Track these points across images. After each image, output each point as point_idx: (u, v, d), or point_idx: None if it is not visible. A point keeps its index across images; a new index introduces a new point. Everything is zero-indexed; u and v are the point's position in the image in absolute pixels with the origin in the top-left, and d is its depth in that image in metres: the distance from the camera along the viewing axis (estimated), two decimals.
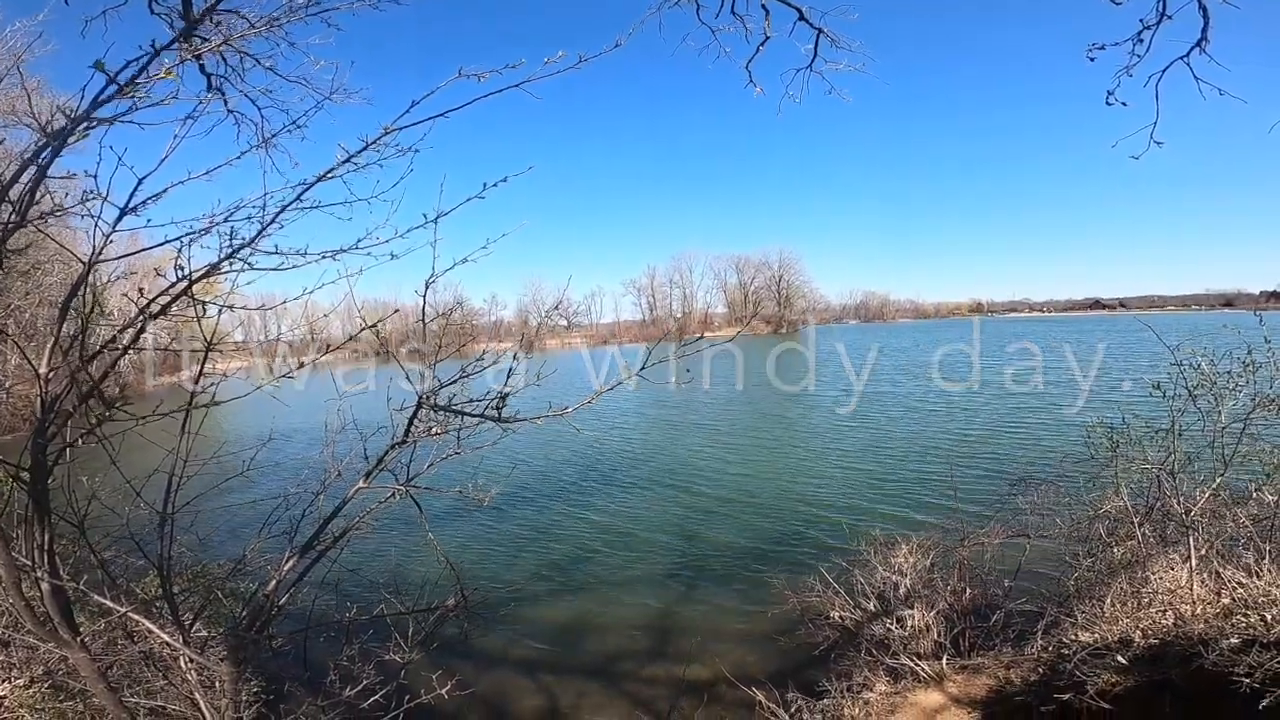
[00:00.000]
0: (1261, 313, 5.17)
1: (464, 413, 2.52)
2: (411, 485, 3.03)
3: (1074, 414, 20.40)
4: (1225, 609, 4.82)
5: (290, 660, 5.97)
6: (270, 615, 3.34)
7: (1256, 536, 5.47)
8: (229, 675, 3.40)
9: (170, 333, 3.22)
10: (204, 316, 2.28)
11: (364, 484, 2.83)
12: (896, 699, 5.95)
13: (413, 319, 2.79)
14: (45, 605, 2.70)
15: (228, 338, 3.94)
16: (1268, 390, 5.07)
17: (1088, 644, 5.23)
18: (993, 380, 31.21)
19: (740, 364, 47.76)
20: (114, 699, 3.18)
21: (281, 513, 3.24)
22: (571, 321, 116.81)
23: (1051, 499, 7.71)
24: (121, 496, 3.28)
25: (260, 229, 2.10)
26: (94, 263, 2.09)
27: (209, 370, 2.71)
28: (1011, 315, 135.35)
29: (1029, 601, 7.02)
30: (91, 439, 2.25)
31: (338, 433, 3.26)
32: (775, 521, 12.87)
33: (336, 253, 2.23)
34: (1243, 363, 5.08)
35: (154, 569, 3.15)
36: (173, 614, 3.31)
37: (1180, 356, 5.28)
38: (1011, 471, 11.23)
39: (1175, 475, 5.53)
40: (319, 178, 2.12)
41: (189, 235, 2.13)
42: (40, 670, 4.70)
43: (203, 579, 5.29)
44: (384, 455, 2.74)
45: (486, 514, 13.94)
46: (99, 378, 2.13)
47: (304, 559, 3.03)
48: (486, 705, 7.35)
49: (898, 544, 7.51)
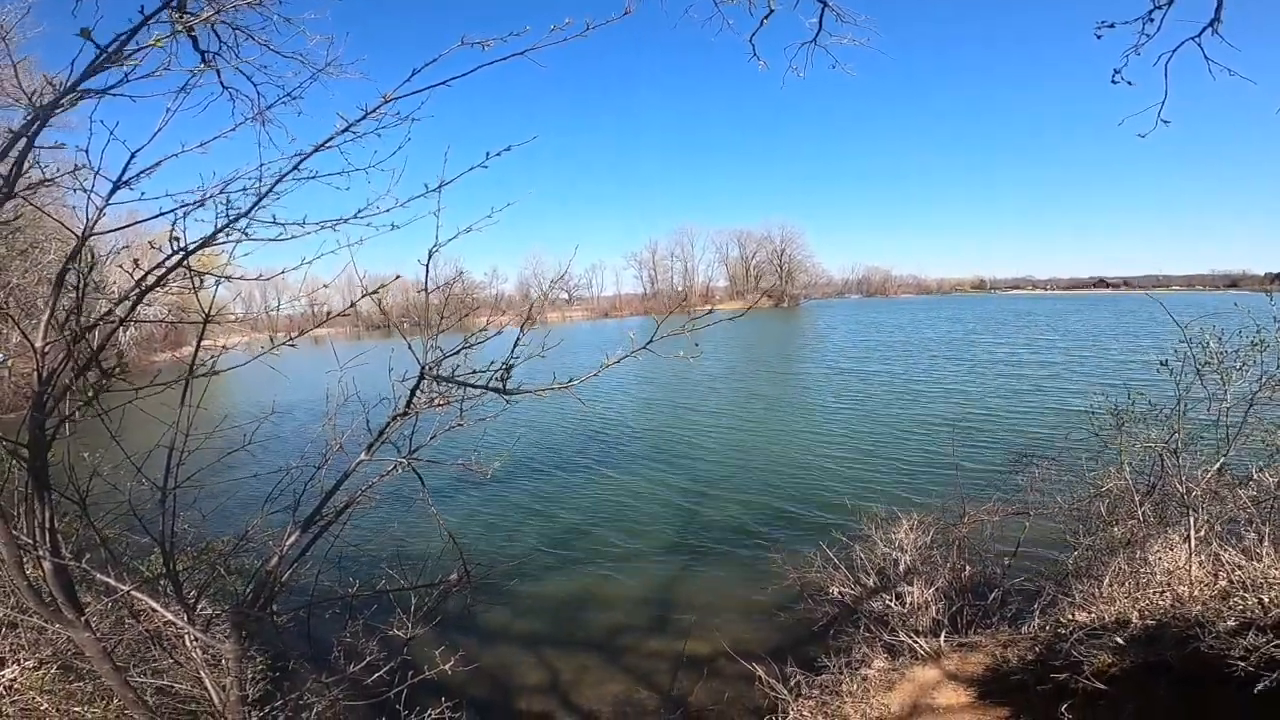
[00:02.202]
0: (1272, 293, 5.09)
1: (468, 384, 2.49)
2: (413, 458, 3.02)
3: (1076, 391, 20.46)
4: (1223, 591, 4.81)
5: (295, 636, 6.03)
6: (274, 591, 3.34)
7: (1257, 518, 5.47)
8: (233, 653, 3.41)
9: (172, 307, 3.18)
10: (201, 288, 2.24)
11: (366, 457, 2.82)
12: (894, 675, 6.00)
13: (414, 292, 2.75)
14: (48, 584, 2.70)
15: (227, 311, 3.90)
16: (1275, 370, 5.04)
17: (1085, 624, 5.25)
18: (994, 357, 31.23)
19: (741, 339, 47.76)
20: (119, 679, 3.18)
21: (284, 487, 3.22)
22: (573, 295, 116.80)
23: (1052, 477, 7.73)
24: (123, 473, 3.26)
25: (258, 199, 2.05)
26: (88, 235, 2.04)
27: (211, 345, 2.68)
28: (1015, 292, 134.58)
29: (1027, 579, 7.07)
30: (90, 412, 2.23)
31: (339, 406, 3.24)
32: (776, 497, 12.96)
33: (336, 222, 2.19)
34: (1251, 342, 5.03)
35: (157, 546, 3.14)
36: (176, 592, 3.31)
37: (1190, 334, 5.23)
38: (1013, 448, 11.26)
39: (1178, 454, 5.51)
40: (316, 147, 2.07)
41: (183, 208, 2.08)
42: (49, 652, 4.72)
43: (207, 555, 5.31)
44: (385, 427, 2.72)
45: (489, 487, 14.03)
46: (96, 349, 2.10)
47: (306, 534, 3.02)
48: (490, 679, 7.45)
49: (898, 520, 7.53)
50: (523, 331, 2.45)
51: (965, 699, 5.54)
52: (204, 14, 2.08)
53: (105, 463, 3.35)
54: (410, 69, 2.23)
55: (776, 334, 54.12)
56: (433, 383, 2.53)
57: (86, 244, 2.05)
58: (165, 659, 4.59)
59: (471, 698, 6.76)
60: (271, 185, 2.06)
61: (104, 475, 3.39)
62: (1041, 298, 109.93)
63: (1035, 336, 40.60)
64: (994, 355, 31.93)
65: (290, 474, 3.22)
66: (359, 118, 2.08)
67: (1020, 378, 24.50)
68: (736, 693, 6.72)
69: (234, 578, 5.37)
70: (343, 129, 2.09)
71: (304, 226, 2.12)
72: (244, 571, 5.28)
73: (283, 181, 2.08)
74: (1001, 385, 23.53)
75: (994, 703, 5.38)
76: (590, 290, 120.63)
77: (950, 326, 49.11)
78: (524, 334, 2.48)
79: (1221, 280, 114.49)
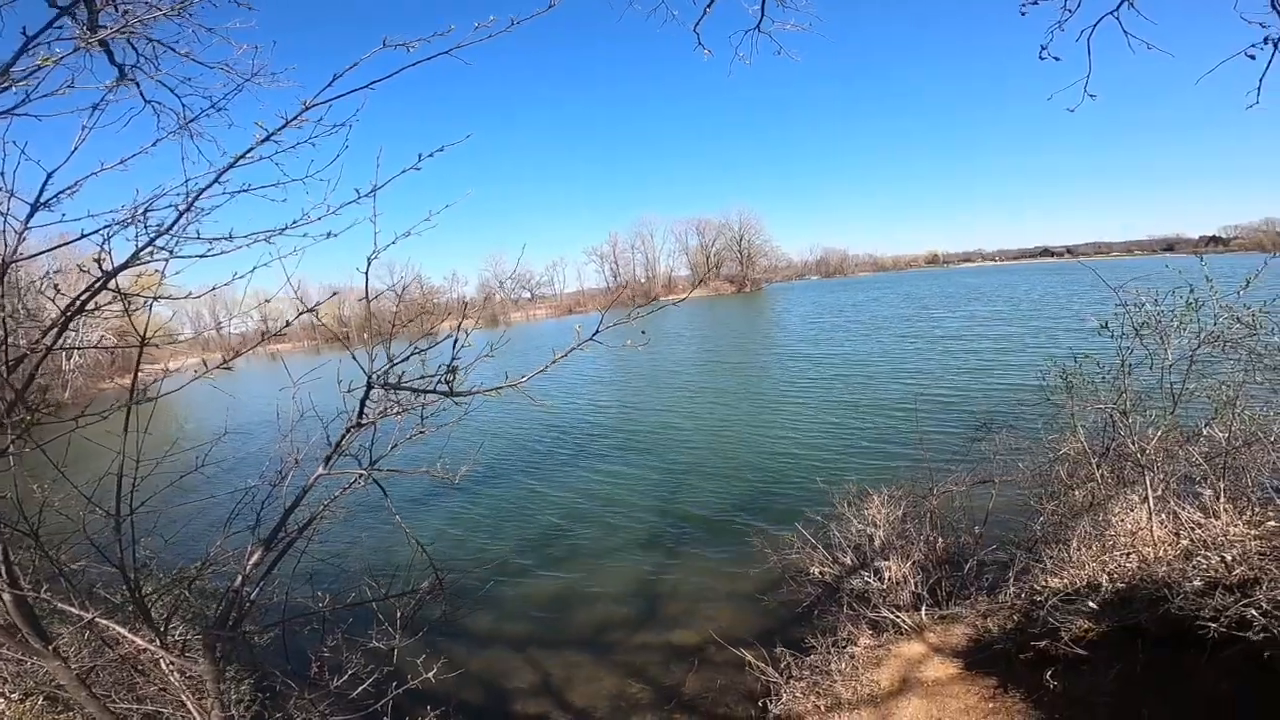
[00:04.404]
0: (1203, 255, 5.29)
1: (413, 389, 2.48)
2: (375, 469, 2.99)
3: (1029, 359, 20.94)
4: (1185, 551, 4.83)
5: (279, 656, 5.96)
6: (243, 611, 3.31)
7: (1210, 474, 5.56)
8: (209, 674, 3.38)
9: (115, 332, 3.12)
10: (135, 310, 2.20)
11: (324, 471, 2.79)
12: (880, 651, 6.07)
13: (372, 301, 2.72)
14: (12, 616, 2.68)
15: (177, 334, 3.83)
16: (1210, 327, 5.21)
17: (1058, 590, 5.31)
18: (949, 332, 31.79)
19: (705, 325, 47.91)
20: (98, 705, 3.17)
21: (244, 507, 3.19)
22: (534, 293, 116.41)
23: (1014, 443, 7.87)
24: (75, 503, 3.21)
25: (178, 215, 2.02)
26: (10, 261, 2.00)
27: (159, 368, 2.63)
28: (966, 265, 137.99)
29: (999, 548, 7.18)
30: (23, 446, 2.18)
31: (296, 422, 3.20)
32: (750, 481, 13.05)
33: (270, 234, 2.16)
34: (1185, 302, 5.20)
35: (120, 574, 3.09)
36: (145, 616, 3.27)
37: (1125, 297, 5.39)
38: (975, 419, 11.42)
39: (1128, 415, 5.64)
40: (235, 159, 2.04)
41: (109, 228, 2.04)
42: (32, 683, 4.67)
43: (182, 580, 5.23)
44: (341, 440, 2.70)
45: (465, 494, 13.94)
46: (25, 383, 2.05)
47: (271, 552, 2.99)
48: (479, 684, 7.42)
49: (870, 496, 7.62)
50: (466, 333, 2.44)
51: (952, 671, 5.61)
52: (111, 28, 2.03)
53: (56, 494, 3.29)
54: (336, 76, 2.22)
55: (740, 320, 54.50)
56: (382, 391, 2.51)
57: (9, 270, 2.00)
58: (152, 686, 4.53)
59: (463, 703, 6.74)
60: (192, 200, 2.03)
61: (55, 507, 3.33)
62: (992, 269, 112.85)
63: (986, 309, 41.52)
64: (949, 330, 32.52)
65: (250, 493, 3.18)
66: (279, 126, 2.05)
67: (976, 352, 24.83)
68: (728, 679, 6.74)
69: (208, 600, 5.29)
70: (263, 139, 2.06)
71: (231, 241, 2.09)
72: (215, 594, 5.21)
73: (206, 196, 2.05)
74: (959, 359, 23.89)
75: (981, 673, 5.44)
76: (553, 288, 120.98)
77: (906, 305, 49.76)
78: (468, 335, 2.47)
79: (1158, 245, 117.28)
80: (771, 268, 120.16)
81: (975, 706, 5.08)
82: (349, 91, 2.06)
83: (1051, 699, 4.79)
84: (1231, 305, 5.19)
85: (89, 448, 2.82)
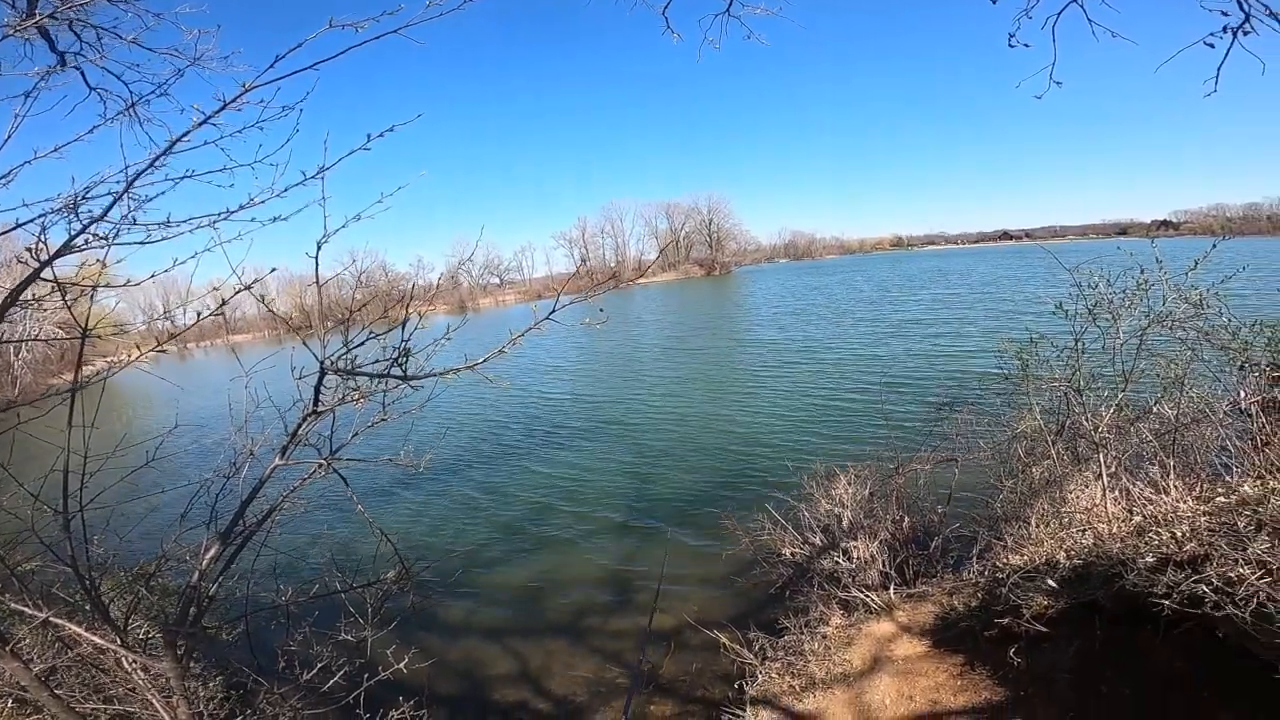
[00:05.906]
0: (1155, 238, 5.47)
1: (366, 373, 2.45)
2: (335, 459, 2.95)
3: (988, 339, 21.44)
4: (1138, 527, 4.87)
5: (246, 651, 5.88)
6: (203, 607, 3.26)
7: (1160, 451, 5.74)
8: (173, 671, 3.33)
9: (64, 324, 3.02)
10: (73, 300, 2.13)
11: (281, 461, 2.74)
12: (852, 631, 6.15)
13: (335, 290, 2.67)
14: None
15: (127, 324, 3.72)
16: (1160, 308, 5.39)
17: (1019, 567, 5.40)
18: (911, 315, 32.37)
19: (675, 309, 47.95)
20: (61, 704, 3.09)
21: (198, 501, 3.12)
22: (503, 278, 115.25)
23: (974, 422, 8.03)
24: (21, 501, 3.11)
25: (112, 201, 1.95)
26: None
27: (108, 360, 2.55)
28: (930, 248, 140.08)
29: (963, 526, 7.35)
30: None
31: (251, 412, 3.14)
32: (720, 463, 13.18)
33: (214, 219, 2.10)
34: (1137, 283, 5.37)
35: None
36: (103, 615, 3.20)
37: (1079, 278, 5.56)
38: (937, 399, 11.64)
39: (1082, 392, 5.82)
40: (171, 143, 1.98)
41: (44, 216, 1.97)
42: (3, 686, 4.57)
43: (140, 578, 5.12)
44: (298, 429, 2.65)
45: (435, 482, 13.85)
46: None
47: (227, 546, 2.93)
48: (455, 673, 7.41)
49: (836, 476, 7.70)
50: (420, 315, 2.42)
51: (921, 649, 5.68)
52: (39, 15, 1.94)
53: (3, 493, 3.18)
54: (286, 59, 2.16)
55: (709, 303, 54.74)
56: (336, 377, 2.47)
57: None
58: (121, 687, 4.45)
59: (439, 694, 6.72)
60: (127, 186, 1.96)
61: (4, 506, 3.22)
62: (953, 252, 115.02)
63: (947, 290, 42.41)
64: (911, 313, 33.11)
65: (205, 487, 3.11)
66: (217, 109, 1.99)
67: (939, 336, 25.29)
68: (704, 662, 6.83)
69: (170, 598, 5.19)
70: (199, 122, 1.99)
71: (170, 227, 2.03)
72: (175, 590, 5.11)
73: (147, 183, 1.99)
74: (921, 341, 24.38)
75: (948, 650, 5.52)
76: (521, 273, 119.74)
77: (871, 289, 50.46)
78: (420, 319, 2.44)
79: (1113, 228, 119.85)
80: (740, 251, 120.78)
81: (944, 684, 5.17)
82: (292, 73, 2.00)
83: (1016, 675, 4.89)
84: (1180, 286, 5.38)
85: (37, 445, 2.73)
